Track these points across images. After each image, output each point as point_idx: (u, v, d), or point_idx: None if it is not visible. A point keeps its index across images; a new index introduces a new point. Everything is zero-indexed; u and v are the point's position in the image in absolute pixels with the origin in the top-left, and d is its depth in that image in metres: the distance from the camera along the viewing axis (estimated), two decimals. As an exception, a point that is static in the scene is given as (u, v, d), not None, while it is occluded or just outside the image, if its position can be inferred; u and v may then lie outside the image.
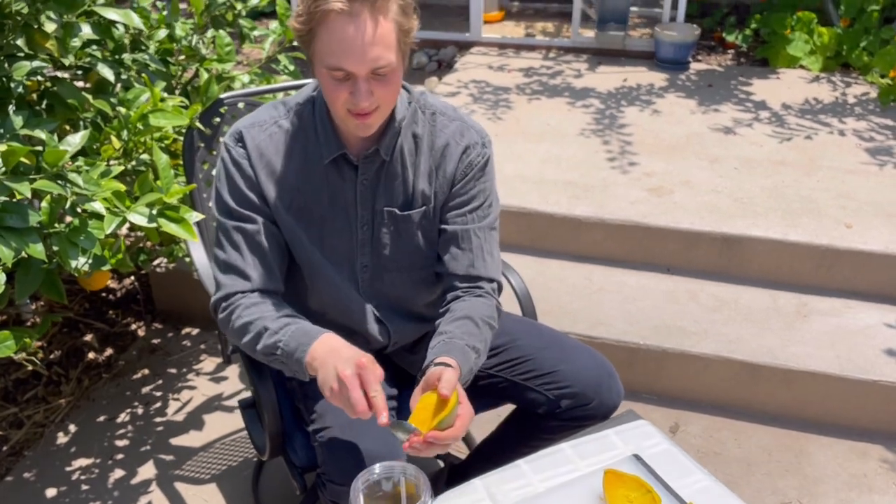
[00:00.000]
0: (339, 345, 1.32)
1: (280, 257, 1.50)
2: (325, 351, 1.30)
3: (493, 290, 1.52)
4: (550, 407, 1.58)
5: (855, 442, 2.27)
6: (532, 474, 1.45)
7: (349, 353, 1.28)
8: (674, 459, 1.48)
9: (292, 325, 1.39)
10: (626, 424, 1.56)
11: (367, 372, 1.22)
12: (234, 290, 1.46)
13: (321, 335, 1.34)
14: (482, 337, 1.43)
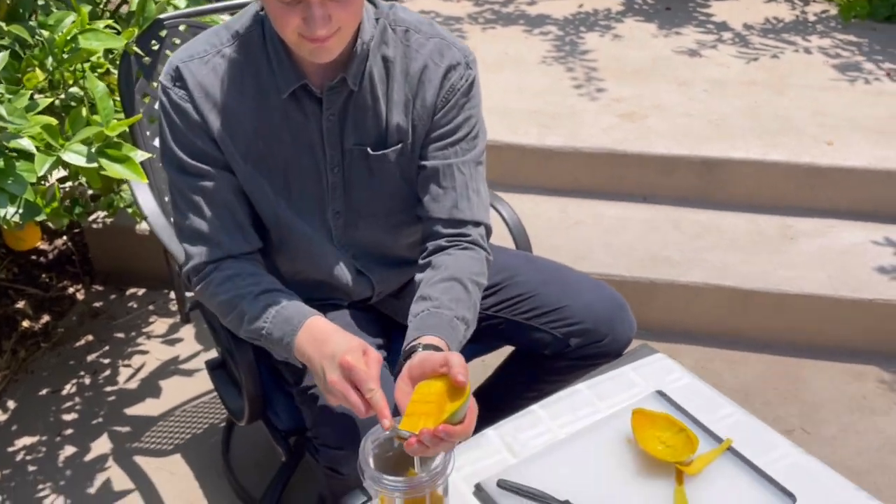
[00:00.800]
0: (322, 334, 1.15)
1: (249, 210, 1.32)
2: (310, 345, 1.15)
3: (482, 237, 1.35)
4: (558, 346, 1.45)
5: (850, 364, 2.23)
6: (549, 420, 1.32)
7: (333, 346, 1.11)
8: (699, 393, 1.37)
9: (272, 306, 1.21)
10: (643, 360, 1.45)
11: (356, 372, 1.06)
12: (204, 259, 1.28)
13: (304, 321, 1.18)
14: (471, 302, 1.27)
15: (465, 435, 1.01)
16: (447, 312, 1.19)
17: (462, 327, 1.21)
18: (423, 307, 1.22)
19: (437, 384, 1.04)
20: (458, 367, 1.01)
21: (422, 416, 1.01)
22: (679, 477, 1.19)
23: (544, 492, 1.16)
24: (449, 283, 1.24)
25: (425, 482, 1.02)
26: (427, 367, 1.07)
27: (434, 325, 1.17)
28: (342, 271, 1.38)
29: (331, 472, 1.28)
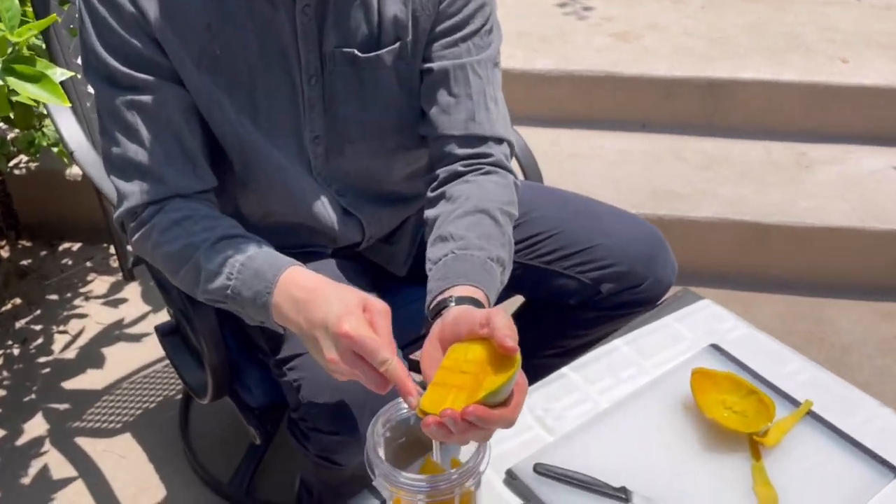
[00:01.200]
0: (305, 292, 0.88)
1: (202, 136, 1.03)
2: (293, 308, 0.88)
3: (506, 157, 1.10)
4: (587, 294, 1.22)
5: (877, 303, 2.06)
6: (586, 385, 1.09)
7: (322, 309, 0.84)
8: (761, 345, 1.16)
9: (237, 256, 0.93)
10: (687, 307, 1.23)
11: (362, 343, 0.79)
12: (142, 199, 0.99)
13: (279, 275, 0.90)
14: (504, 238, 1.01)
15: (507, 422, 0.77)
16: (478, 253, 0.95)
17: (498, 270, 0.96)
18: (445, 249, 0.97)
19: (476, 349, 0.80)
20: (505, 328, 0.77)
21: (452, 389, 0.77)
22: (755, 450, 0.98)
23: (593, 476, 0.94)
24: (474, 216, 0.99)
25: (454, 481, 0.79)
26: (463, 326, 0.81)
27: (464, 271, 0.93)
28: (324, 211, 1.11)
29: (323, 461, 1.04)
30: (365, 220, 1.16)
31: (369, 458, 0.81)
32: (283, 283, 0.89)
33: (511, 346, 0.74)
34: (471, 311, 0.82)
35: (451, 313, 0.85)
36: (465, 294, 0.89)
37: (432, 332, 0.85)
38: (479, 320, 0.79)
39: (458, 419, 0.73)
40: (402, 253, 1.30)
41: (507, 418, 0.76)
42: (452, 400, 0.76)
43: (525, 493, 0.94)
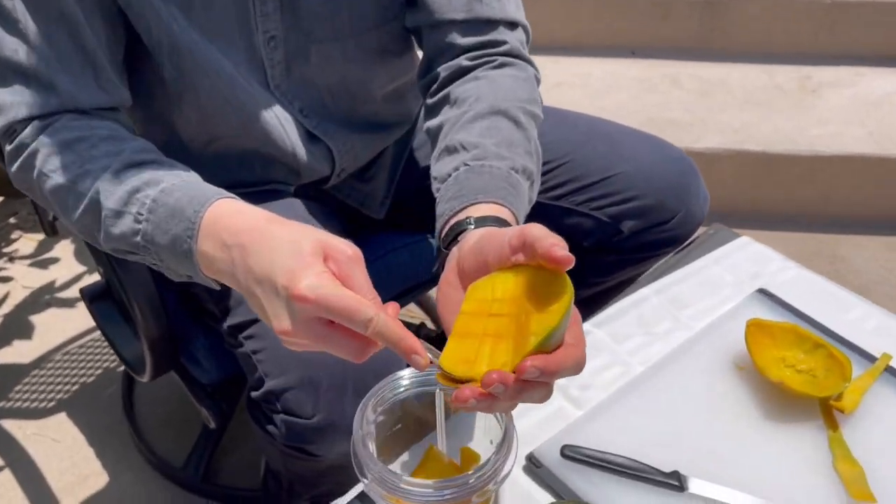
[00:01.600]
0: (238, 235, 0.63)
1: (112, 34, 0.79)
2: (224, 256, 0.64)
3: (521, 43, 0.89)
4: (605, 234, 1.03)
5: (891, 238, 1.92)
6: (613, 344, 0.91)
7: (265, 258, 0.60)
8: (817, 289, 0.98)
9: (146, 191, 0.69)
10: (723, 247, 1.04)
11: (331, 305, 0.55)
12: (24, 114, 0.75)
13: (202, 212, 0.66)
14: (531, 145, 0.80)
15: (578, 365, 0.55)
16: (498, 164, 0.74)
17: (525, 184, 0.75)
18: (455, 162, 0.76)
19: (508, 282, 0.58)
20: (548, 236, 0.54)
21: (485, 340, 0.56)
22: (830, 418, 0.81)
23: (636, 460, 0.75)
24: (489, 119, 0.78)
25: (473, 486, 0.59)
26: (490, 253, 0.59)
27: (483, 186, 0.71)
28: (284, 135, 0.89)
29: (294, 451, 0.84)
30: (335, 147, 0.95)
31: (358, 456, 0.61)
32: (208, 222, 0.66)
33: (562, 256, 0.52)
34: (497, 233, 0.60)
35: (471, 238, 0.64)
36: (486, 213, 0.68)
37: (448, 268, 0.64)
38: (508, 241, 0.57)
39: (510, 382, 0.52)
40: (378, 191, 1.08)
41: (578, 360, 0.55)
42: (491, 353, 0.55)
43: (552, 483, 0.75)
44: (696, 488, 0.74)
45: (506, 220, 0.68)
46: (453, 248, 0.65)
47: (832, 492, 0.74)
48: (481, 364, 0.55)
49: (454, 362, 0.56)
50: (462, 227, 0.67)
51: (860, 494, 0.73)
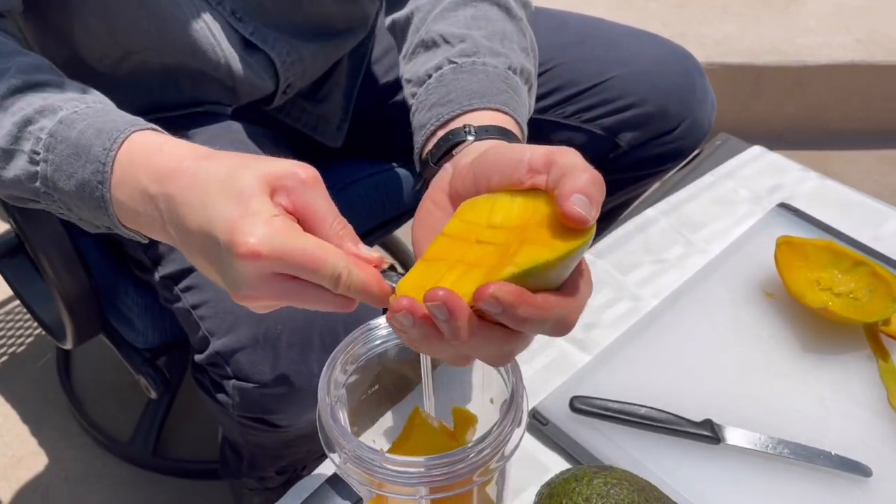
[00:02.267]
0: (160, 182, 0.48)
1: None
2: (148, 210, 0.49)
3: None
4: (600, 150, 0.90)
5: (884, 151, 1.82)
6: (619, 275, 0.79)
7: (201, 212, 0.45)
8: (844, 201, 0.87)
9: (40, 122, 0.53)
10: (734, 159, 0.92)
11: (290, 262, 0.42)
12: None
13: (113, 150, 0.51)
14: (526, 41, 0.64)
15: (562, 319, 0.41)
16: (492, 61, 0.59)
17: (524, 87, 0.60)
18: (437, 59, 0.60)
19: (512, 206, 0.43)
20: (585, 170, 0.40)
21: (456, 265, 0.42)
22: (878, 346, 0.70)
23: (661, 409, 0.64)
24: (474, 6, 0.62)
25: (473, 461, 0.46)
26: (499, 171, 0.44)
27: (480, 88, 0.56)
28: (213, 44, 0.73)
29: (252, 423, 0.71)
30: (277, 57, 0.79)
31: (325, 429, 0.48)
32: (123, 163, 0.50)
33: (578, 216, 0.38)
34: (510, 149, 0.45)
35: (472, 151, 0.49)
36: (488, 122, 0.53)
37: (436, 186, 0.49)
38: (529, 161, 0.43)
39: (459, 313, 0.38)
40: (333, 114, 0.93)
41: (564, 310, 0.40)
42: (455, 282, 0.41)
43: (562, 442, 0.64)
44: (734, 439, 0.63)
45: (511, 132, 0.53)
46: (446, 164, 0.50)
47: (891, 432, 0.64)
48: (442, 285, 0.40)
49: (412, 289, 0.42)
50: (458, 137, 0.53)
51: (926, 434, 0.63)
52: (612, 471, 0.55)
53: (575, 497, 0.53)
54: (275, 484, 0.98)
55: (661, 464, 0.61)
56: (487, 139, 0.52)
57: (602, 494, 0.53)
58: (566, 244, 0.40)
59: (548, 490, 0.55)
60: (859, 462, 0.61)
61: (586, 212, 0.38)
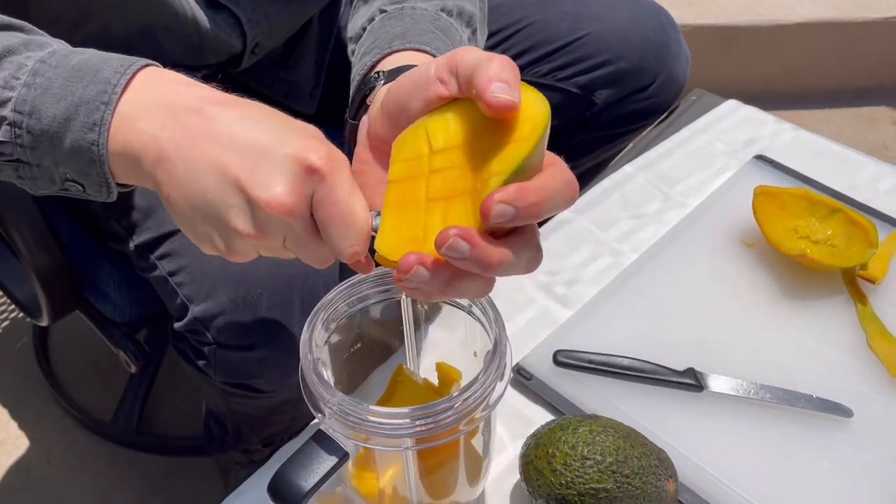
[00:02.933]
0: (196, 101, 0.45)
1: None
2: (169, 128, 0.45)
3: None
4: (575, 109, 0.90)
5: (857, 108, 1.83)
6: (599, 232, 0.79)
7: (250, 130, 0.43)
8: (820, 151, 0.88)
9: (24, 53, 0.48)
10: (710, 113, 0.92)
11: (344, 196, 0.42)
12: None
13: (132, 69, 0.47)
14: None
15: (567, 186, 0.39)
16: (424, 5, 0.58)
17: (462, 32, 0.59)
18: (369, 11, 0.59)
19: (446, 122, 0.42)
20: (488, 61, 0.39)
21: (430, 206, 0.41)
22: (856, 291, 0.70)
23: (644, 360, 0.64)
24: None
25: (460, 410, 0.46)
26: (411, 97, 0.43)
27: (400, 31, 0.55)
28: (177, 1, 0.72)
29: (236, 389, 0.70)
30: (243, 15, 0.77)
31: (309, 386, 0.48)
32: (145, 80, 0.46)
33: (503, 102, 0.37)
34: (414, 72, 0.44)
35: (380, 94, 0.49)
36: (400, 63, 0.52)
37: (358, 143, 0.48)
38: (435, 73, 0.42)
39: (470, 236, 0.37)
40: (306, 80, 0.92)
41: (566, 179, 0.39)
42: (443, 221, 0.40)
43: (546, 396, 0.64)
44: (717, 386, 0.63)
45: None
46: (363, 117, 0.49)
47: (871, 374, 0.64)
48: (433, 237, 0.39)
49: (396, 244, 0.41)
50: (369, 84, 0.52)
51: (904, 374, 0.64)
52: (596, 419, 0.55)
53: (561, 445, 0.53)
54: (260, 457, 0.98)
55: (645, 413, 0.61)
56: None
57: (588, 442, 0.53)
58: (531, 131, 0.39)
59: (534, 441, 0.55)
60: (840, 403, 0.62)
61: (510, 95, 0.38)
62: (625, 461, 0.52)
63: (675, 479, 0.54)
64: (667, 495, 0.54)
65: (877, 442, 0.60)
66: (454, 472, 0.54)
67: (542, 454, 0.54)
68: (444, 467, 0.53)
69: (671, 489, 0.54)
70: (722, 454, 0.59)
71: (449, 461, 0.53)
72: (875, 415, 0.62)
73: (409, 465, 0.49)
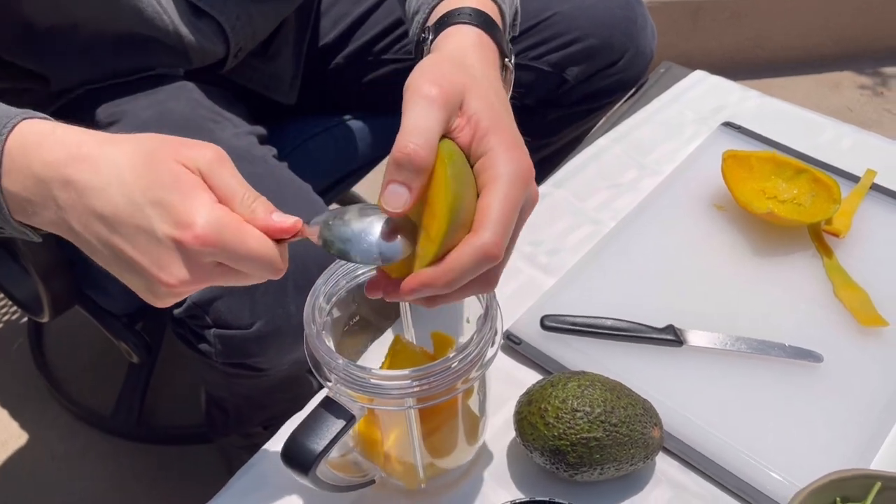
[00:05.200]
0: (55, 170, 0.45)
1: None
2: (43, 204, 0.46)
3: None
4: (548, 86, 0.93)
5: (820, 75, 1.88)
6: (578, 202, 0.82)
7: (114, 201, 0.44)
8: (784, 115, 0.92)
9: None
10: (678, 84, 0.96)
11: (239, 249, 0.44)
12: None
13: (5, 133, 0.46)
14: None
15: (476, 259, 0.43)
16: None
17: None
18: None
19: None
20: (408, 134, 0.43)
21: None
22: (822, 245, 0.74)
23: (626, 320, 0.68)
24: None
25: (458, 370, 0.50)
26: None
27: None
28: (160, 11, 0.74)
29: (236, 369, 0.73)
30: (227, 22, 0.80)
31: (315, 354, 0.51)
32: (12, 150, 0.46)
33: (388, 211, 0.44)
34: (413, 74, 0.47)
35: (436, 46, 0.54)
36: (459, 5, 0.55)
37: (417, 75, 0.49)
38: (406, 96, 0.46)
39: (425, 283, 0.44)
40: (285, 71, 0.94)
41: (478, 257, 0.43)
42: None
43: (536, 358, 0.67)
44: (695, 340, 0.67)
45: (488, 16, 0.56)
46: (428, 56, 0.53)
47: (839, 322, 0.68)
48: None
49: None
50: (421, 47, 0.56)
51: (869, 320, 0.68)
52: (584, 375, 0.59)
53: (552, 400, 0.56)
54: (261, 440, 1.00)
55: (629, 369, 0.65)
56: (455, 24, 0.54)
57: (577, 395, 0.56)
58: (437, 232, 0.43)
59: (527, 398, 0.59)
60: (811, 350, 0.66)
61: (396, 200, 0.43)
62: (612, 411, 0.56)
63: (660, 427, 0.58)
64: (653, 441, 0.57)
65: (846, 384, 0.64)
66: (454, 432, 0.57)
67: (534, 410, 0.57)
68: (444, 427, 0.56)
69: (657, 436, 0.57)
70: (702, 402, 0.63)
71: (448, 421, 0.56)
72: (844, 359, 0.65)
73: (413, 425, 0.52)
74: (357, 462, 0.58)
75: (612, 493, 0.59)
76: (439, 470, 0.58)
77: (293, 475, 0.50)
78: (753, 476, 0.58)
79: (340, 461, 0.57)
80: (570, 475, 0.57)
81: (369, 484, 0.57)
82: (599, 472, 0.56)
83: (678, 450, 0.60)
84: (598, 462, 0.56)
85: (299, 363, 0.79)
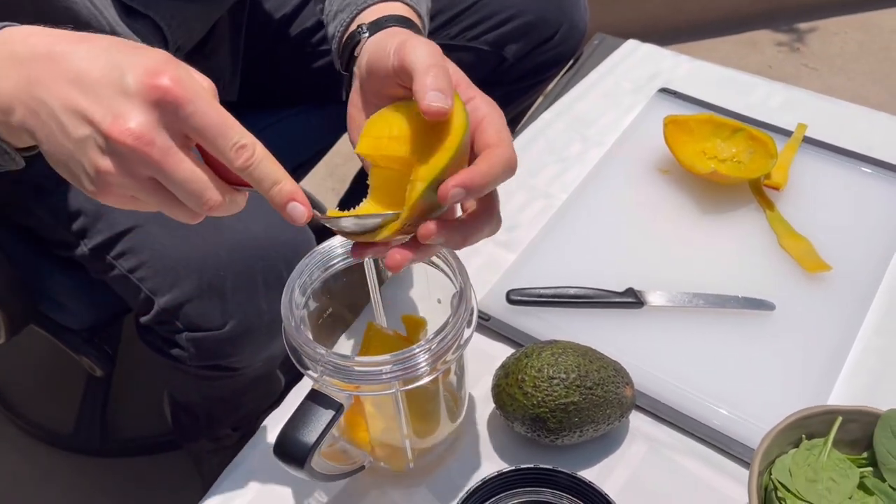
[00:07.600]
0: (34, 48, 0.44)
1: None
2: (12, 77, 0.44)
3: None
4: (487, 66, 0.94)
5: (740, 35, 1.94)
6: (529, 178, 0.84)
7: (92, 62, 0.43)
8: (716, 78, 0.95)
9: None
10: (613, 55, 0.98)
11: (208, 110, 0.42)
12: None
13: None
14: None
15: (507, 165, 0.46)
16: None
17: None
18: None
19: (401, 114, 0.48)
20: (428, 70, 0.45)
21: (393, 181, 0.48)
22: (763, 199, 0.78)
23: (588, 287, 0.70)
24: None
25: (437, 351, 0.51)
26: (381, 78, 0.51)
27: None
28: (96, 13, 0.72)
29: (210, 371, 0.73)
30: (163, 21, 0.78)
31: (297, 348, 0.51)
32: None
33: (436, 110, 0.44)
34: (383, 49, 0.50)
35: (368, 50, 0.53)
36: (380, 14, 0.57)
37: (353, 90, 0.55)
38: (392, 64, 0.48)
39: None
40: (223, 68, 0.94)
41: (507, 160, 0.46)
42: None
43: (506, 332, 0.69)
44: (655, 300, 0.69)
45: (407, 18, 0.57)
46: (354, 69, 0.55)
47: (786, 270, 0.72)
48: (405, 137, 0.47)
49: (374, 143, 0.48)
50: (355, 38, 0.56)
51: (814, 266, 0.72)
52: (556, 343, 0.61)
53: (528, 370, 0.58)
54: (230, 442, 1.01)
55: (595, 334, 0.67)
56: (387, 28, 0.55)
57: (551, 363, 0.58)
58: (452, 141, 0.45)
59: (503, 371, 0.60)
60: (763, 299, 0.69)
61: (442, 103, 0.44)
62: (586, 375, 0.58)
63: (631, 386, 0.61)
64: (626, 400, 0.60)
65: (797, 328, 0.68)
66: (437, 411, 0.58)
67: (512, 381, 0.59)
68: (427, 407, 0.58)
69: (629, 394, 0.60)
70: (667, 359, 0.66)
71: (431, 401, 0.57)
72: (794, 305, 0.69)
73: (400, 408, 0.54)
74: (346, 450, 0.59)
75: (592, 453, 0.61)
76: (425, 449, 0.60)
77: (287, 469, 0.51)
78: (722, 424, 0.62)
79: (329, 451, 0.58)
80: (551, 440, 0.59)
81: (360, 470, 0.58)
82: (579, 435, 0.59)
83: (650, 406, 0.63)
84: (577, 425, 0.58)
85: (272, 360, 0.79)
